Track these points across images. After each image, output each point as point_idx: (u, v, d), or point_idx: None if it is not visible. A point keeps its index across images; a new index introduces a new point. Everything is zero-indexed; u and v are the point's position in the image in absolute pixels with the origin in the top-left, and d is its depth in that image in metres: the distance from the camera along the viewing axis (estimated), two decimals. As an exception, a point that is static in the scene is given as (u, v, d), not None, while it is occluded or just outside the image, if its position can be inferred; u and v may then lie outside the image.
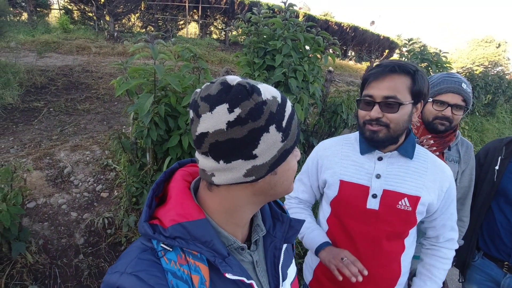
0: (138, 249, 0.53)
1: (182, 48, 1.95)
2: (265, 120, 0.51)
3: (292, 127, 0.55)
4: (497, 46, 25.60)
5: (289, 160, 0.57)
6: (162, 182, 0.62)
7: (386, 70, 0.99)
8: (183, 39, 6.83)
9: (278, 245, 0.67)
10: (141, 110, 1.68)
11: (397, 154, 1.08)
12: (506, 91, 6.78)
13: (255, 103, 0.50)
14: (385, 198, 1.06)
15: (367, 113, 1.03)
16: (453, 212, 1.15)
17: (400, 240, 1.12)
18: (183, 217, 0.54)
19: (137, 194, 2.16)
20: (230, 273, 0.53)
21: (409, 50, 4.05)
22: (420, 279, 1.17)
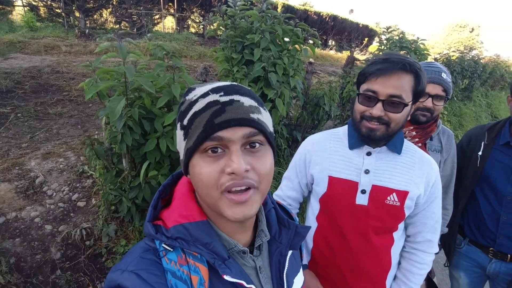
0: (141, 249, 0.54)
1: (154, 46, 1.83)
2: (176, 119, 0.56)
3: (194, 125, 0.51)
4: (470, 31, 26.35)
5: (194, 163, 0.53)
6: (170, 185, 0.63)
7: (397, 67, 0.93)
8: (159, 34, 6.59)
9: (283, 251, 0.66)
10: (112, 115, 1.57)
11: (386, 149, 1.07)
12: (481, 75, 6.98)
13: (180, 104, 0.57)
14: (374, 193, 1.05)
15: (367, 109, 0.99)
16: (436, 211, 1.13)
17: (389, 234, 1.12)
18: (185, 218, 0.55)
19: (116, 201, 2.05)
20: (228, 275, 0.53)
21: (388, 38, 4.06)
22: (396, 284, 1.18)
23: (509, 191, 1.50)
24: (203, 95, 0.53)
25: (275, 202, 0.72)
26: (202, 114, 0.51)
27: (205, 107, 0.51)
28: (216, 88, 0.53)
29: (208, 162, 0.51)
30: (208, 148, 0.51)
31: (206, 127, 0.50)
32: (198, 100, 0.53)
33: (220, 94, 0.52)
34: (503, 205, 1.52)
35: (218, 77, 2.69)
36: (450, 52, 6.29)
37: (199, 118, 0.51)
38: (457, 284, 1.80)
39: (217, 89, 0.53)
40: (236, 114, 0.51)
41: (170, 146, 1.86)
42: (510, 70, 9.50)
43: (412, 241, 1.17)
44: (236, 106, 0.52)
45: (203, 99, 0.52)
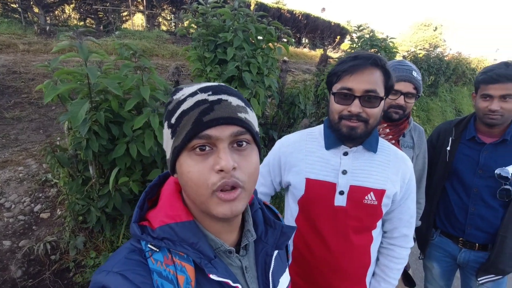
0: (126, 250, 0.54)
1: (120, 45, 1.72)
2: (164, 117, 0.56)
3: (182, 123, 0.52)
4: (434, 29, 27.77)
5: (182, 162, 0.53)
6: (156, 186, 0.63)
7: (368, 63, 0.95)
8: (128, 32, 6.30)
9: (269, 251, 0.67)
10: (74, 120, 1.45)
11: (362, 148, 1.07)
12: (446, 71, 7.36)
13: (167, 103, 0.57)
14: (352, 194, 1.05)
15: (344, 108, 0.98)
16: (411, 206, 1.15)
17: (368, 233, 1.13)
18: (171, 218, 0.55)
19: (84, 211, 1.92)
20: (214, 274, 0.53)
21: (359, 36, 4.15)
22: (375, 280, 1.20)
23: (476, 183, 1.56)
24: (191, 94, 0.54)
25: (262, 203, 0.73)
26: (191, 113, 0.52)
27: (193, 106, 0.52)
28: (204, 88, 0.54)
29: (196, 161, 0.52)
30: (196, 146, 0.52)
31: (195, 125, 0.51)
32: (186, 99, 0.53)
33: (209, 94, 0.53)
34: (471, 197, 1.58)
35: (191, 77, 2.60)
36: (417, 50, 6.58)
37: (187, 116, 0.52)
38: (431, 274, 1.87)
39: (205, 88, 0.54)
40: (224, 113, 0.52)
41: (141, 151, 1.76)
42: (471, 67, 10.12)
43: (389, 236, 1.19)
44: (225, 105, 0.53)
45: (191, 98, 0.53)
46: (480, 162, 1.55)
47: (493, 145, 1.53)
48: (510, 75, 1.40)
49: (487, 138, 1.56)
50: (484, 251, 1.59)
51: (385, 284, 1.17)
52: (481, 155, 1.55)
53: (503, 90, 1.42)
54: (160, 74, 4.50)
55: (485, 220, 1.56)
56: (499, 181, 1.49)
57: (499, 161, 1.50)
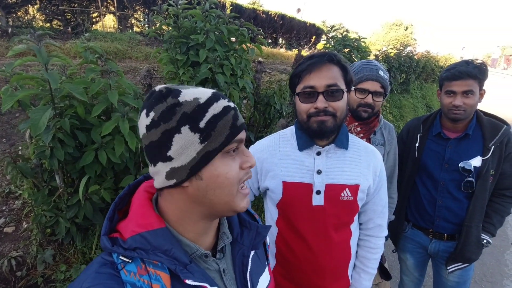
0: (97, 264, 0.53)
1: (84, 48, 1.65)
2: (177, 121, 0.52)
3: (218, 127, 0.53)
4: (405, 29, 28.86)
5: (218, 165, 0.54)
6: (126, 196, 0.62)
7: (324, 59, 0.99)
8: (99, 34, 6.07)
9: (246, 252, 0.67)
10: (35, 128, 1.37)
11: (334, 146, 1.09)
12: (416, 69, 7.66)
13: (167, 106, 0.52)
14: (328, 192, 1.07)
15: (311, 106, 1.01)
16: (383, 197, 1.20)
17: (347, 228, 1.16)
18: (142, 227, 0.54)
19: (51, 223, 1.83)
20: (191, 279, 0.53)
21: (333, 36, 4.23)
22: (356, 272, 1.23)
23: (443, 177, 1.63)
24: (214, 98, 0.55)
25: None
26: (225, 117, 0.54)
27: (224, 111, 0.54)
28: (218, 94, 0.57)
29: (232, 161, 0.56)
30: (231, 149, 0.55)
31: (232, 129, 0.54)
32: (211, 103, 0.54)
33: (227, 100, 0.57)
34: (439, 190, 1.65)
35: (164, 80, 2.54)
36: (388, 49, 6.80)
37: (222, 120, 0.54)
38: (405, 266, 1.93)
39: (220, 94, 0.57)
40: (242, 119, 0.58)
41: (111, 158, 1.70)
42: (439, 64, 10.60)
43: (365, 228, 1.23)
44: (239, 112, 0.59)
45: (217, 103, 0.54)
46: (445, 157, 1.62)
47: (457, 140, 1.60)
48: (470, 72, 1.47)
49: (451, 133, 1.63)
50: (452, 241, 1.67)
51: (364, 275, 1.21)
52: (447, 150, 1.62)
53: (465, 86, 1.49)
54: (134, 77, 4.37)
55: (451, 212, 1.63)
56: (463, 174, 1.56)
57: (463, 155, 1.58)
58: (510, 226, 3.92)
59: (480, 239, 1.59)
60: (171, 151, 0.53)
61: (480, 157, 1.54)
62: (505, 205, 1.61)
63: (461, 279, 1.71)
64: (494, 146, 1.52)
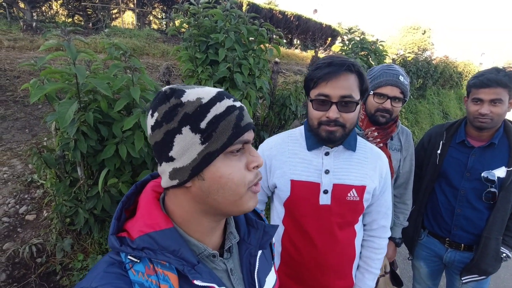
0: (105, 263, 0.53)
1: (109, 44, 1.69)
2: (178, 122, 0.52)
3: (220, 128, 0.52)
4: (423, 33, 28.30)
5: (220, 166, 0.54)
6: (133, 195, 0.62)
7: (342, 69, 0.98)
8: (118, 30, 6.19)
9: (253, 252, 0.67)
10: (62, 120, 1.42)
11: (342, 148, 1.11)
12: (433, 75, 7.51)
13: (169, 106, 0.52)
14: (335, 192, 1.08)
15: (323, 114, 1.01)
16: (387, 198, 1.21)
17: (351, 227, 1.17)
18: (150, 227, 0.54)
19: (71, 213, 1.88)
20: (199, 280, 0.53)
21: (350, 39, 4.19)
22: (360, 272, 1.25)
23: (463, 185, 1.60)
24: (217, 98, 0.54)
25: None
26: (227, 118, 0.53)
27: (226, 111, 0.53)
28: (223, 93, 0.56)
29: (235, 161, 0.55)
30: (235, 149, 0.54)
31: (235, 130, 0.53)
32: (214, 103, 0.53)
33: (233, 100, 0.56)
34: (458, 199, 1.62)
35: (182, 78, 2.58)
36: (406, 53, 6.69)
37: (224, 121, 0.53)
38: (418, 273, 1.90)
39: (225, 94, 0.56)
40: (249, 119, 0.57)
41: (131, 152, 1.74)
42: (457, 70, 10.35)
43: (369, 229, 1.24)
44: (246, 112, 0.57)
45: (220, 103, 0.54)
46: (468, 165, 1.58)
47: (481, 148, 1.57)
48: (500, 80, 1.43)
49: (476, 142, 1.59)
50: (469, 252, 1.63)
51: (368, 275, 1.22)
52: (470, 158, 1.58)
53: (493, 94, 1.45)
54: (151, 73, 4.44)
55: (470, 222, 1.59)
56: (486, 184, 1.52)
57: (486, 164, 1.54)
58: (527, 239, 3.80)
59: (499, 252, 1.54)
60: (173, 152, 0.53)
61: (505, 167, 1.50)
62: None
63: (476, 292, 1.67)
64: None
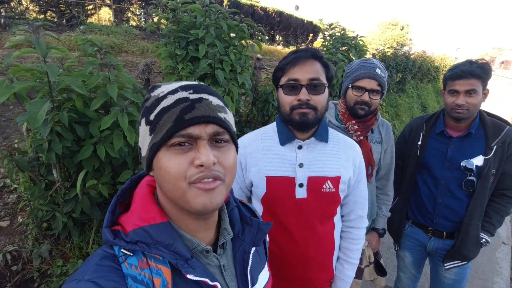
0: (98, 256, 0.52)
1: (83, 40, 1.62)
2: (141, 114, 0.56)
3: (162, 120, 0.52)
4: (401, 29, 28.97)
5: (160, 157, 0.53)
6: (128, 189, 0.62)
7: (308, 54, 1.02)
8: (95, 27, 5.97)
9: (247, 248, 0.67)
10: (33, 121, 1.35)
11: (314, 140, 1.12)
12: (412, 69, 7.71)
13: (143, 100, 0.57)
14: (310, 185, 1.10)
15: (294, 98, 1.03)
16: (363, 189, 1.24)
17: (330, 220, 1.19)
18: (145, 221, 0.54)
19: (48, 218, 1.80)
20: (192, 274, 0.53)
21: (331, 34, 4.22)
22: (339, 263, 1.28)
23: (444, 175, 1.64)
24: (172, 91, 0.54)
25: (238, 201, 0.74)
26: (172, 110, 0.52)
27: (174, 103, 0.52)
28: (185, 86, 0.55)
29: (175, 154, 0.52)
30: (176, 143, 0.52)
31: (176, 123, 0.51)
32: (166, 96, 0.53)
33: (190, 92, 0.54)
34: (439, 188, 1.66)
35: (163, 75, 2.51)
36: (386, 48, 6.83)
37: (168, 113, 0.52)
38: (403, 263, 1.95)
39: (187, 87, 0.55)
40: (205, 112, 0.53)
41: (110, 152, 1.68)
42: (434, 64, 10.68)
43: (346, 219, 1.26)
44: (205, 104, 0.54)
45: (172, 96, 0.53)
46: (448, 155, 1.63)
47: (460, 138, 1.61)
48: (473, 72, 1.48)
49: (454, 132, 1.64)
50: (451, 239, 1.68)
51: (348, 265, 1.25)
52: (449, 149, 1.63)
53: (467, 85, 1.50)
54: (130, 71, 4.31)
55: (451, 210, 1.64)
56: (465, 173, 1.57)
57: (465, 153, 1.59)
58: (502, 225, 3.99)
59: (479, 238, 1.60)
60: (139, 142, 0.58)
61: (482, 156, 1.55)
62: (505, 205, 1.62)
63: (458, 277, 1.73)
64: (496, 145, 1.53)
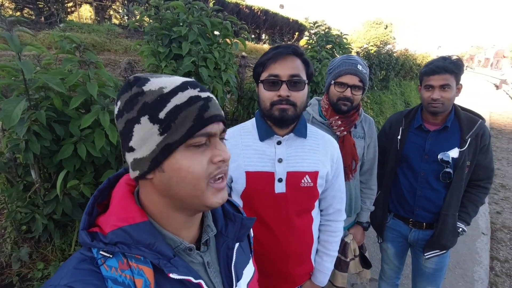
0: (75, 260, 0.51)
1: (60, 37, 1.58)
2: (137, 111, 0.51)
3: (179, 119, 0.51)
4: (385, 27, 29.56)
5: (178, 158, 0.52)
6: (106, 189, 0.60)
7: (288, 51, 1.03)
8: (75, 25, 5.81)
9: (230, 244, 0.67)
10: (8, 120, 1.30)
11: (293, 136, 1.13)
12: (395, 66, 7.88)
13: (130, 95, 0.51)
14: (289, 179, 1.11)
15: (274, 94, 1.04)
16: (341, 183, 1.27)
17: (308, 214, 1.21)
18: (124, 221, 0.53)
19: (27, 220, 1.75)
20: (174, 273, 0.52)
21: (315, 32, 4.26)
22: (318, 256, 1.30)
23: (423, 168, 1.69)
24: (180, 88, 0.52)
25: None
26: (189, 109, 0.51)
27: (188, 101, 0.52)
28: (188, 83, 0.54)
29: (197, 154, 0.52)
30: (197, 142, 0.52)
31: (198, 122, 0.51)
32: (176, 92, 0.51)
33: (198, 90, 0.54)
34: (418, 181, 1.71)
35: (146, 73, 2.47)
36: (369, 46, 6.94)
37: (185, 112, 0.51)
38: (386, 255, 2.00)
39: (191, 84, 0.54)
40: (217, 110, 0.55)
41: (91, 151, 1.64)
42: (417, 62, 10.95)
43: (325, 213, 1.29)
44: (213, 103, 0.56)
45: (182, 93, 0.52)
46: (426, 148, 1.68)
47: (437, 132, 1.67)
48: (446, 67, 1.54)
49: (431, 126, 1.70)
50: (431, 230, 1.74)
51: (327, 257, 1.28)
52: (427, 142, 1.68)
53: (441, 80, 1.55)
54: (113, 70, 4.23)
55: (430, 201, 1.70)
56: (442, 165, 1.63)
57: (442, 146, 1.64)
58: (481, 216, 4.14)
59: (456, 227, 1.67)
60: (132, 142, 0.52)
61: (458, 148, 1.61)
62: (480, 195, 1.69)
63: (438, 266, 1.79)
64: (470, 138, 1.59)
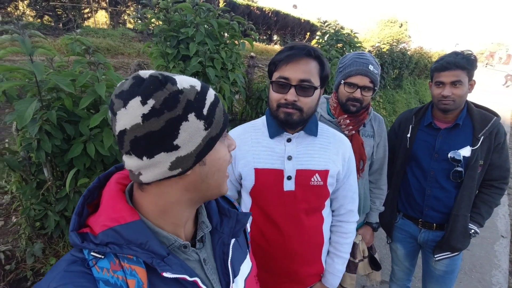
0: (66, 262, 0.50)
1: (71, 40, 1.64)
2: (182, 109, 0.50)
3: (216, 114, 0.54)
4: (400, 26, 28.93)
5: (218, 149, 0.56)
6: (96, 188, 0.59)
7: (302, 53, 0.99)
8: (91, 30, 6.02)
9: (226, 240, 0.67)
10: (21, 119, 1.36)
11: (303, 134, 1.12)
12: (409, 65, 7.70)
13: (169, 93, 0.49)
14: (299, 177, 1.10)
15: (282, 96, 1.02)
16: (353, 183, 1.23)
17: (318, 213, 1.19)
18: (115, 221, 0.52)
19: (41, 217, 1.82)
20: (168, 272, 0.52)
21: (325, 32, 4.23)
22: (329, 257, 1.27)
23: (432, 166, 1.64)
24: (205, 86, 0.55)
25: None
26: (219, 105, 0.56)
27: (216, 99, 0.56)
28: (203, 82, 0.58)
29: (223, 144, 0.59)
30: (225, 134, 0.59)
31: (225, 116, 0.57)
32: (206, 91, 0.55)
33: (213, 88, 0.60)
34: (428, 180, 1.66)
35: (154, 74, 2.52)
36: (381, 44, 6.82)
37: (218, 108, 0.55)
38: (396, 255, 1.95)
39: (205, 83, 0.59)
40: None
41: (100, 150, 1.69)
42: (432, 60, 10.66)
43: (337, 214, 1.26)
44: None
45: (209, 91, 0.55)
46: (436, 147, 1.63)
47: (447, 130, 1.62)
48: (458, 63, 1.48)
49: (442, 123, 1.64)
50: (442, 231, 1.68)
51: (337, 259, 1.24)
52: (437, 140, 1.63)
53: (453, 76, 1.50)
54: (126, 72, 4.35)
55: (439, 201, 1.65)
56: (452, 164, 1.57)
57: (453, 145, 1.59)
58: (500, 218, 3.98)
59: (468, 228, 1.60)
60: (179, 140, 0.50)
61: (470, 147, 1.55)
62: (494, 196, 1.61)
63: (449, 268, 1.73)
64: (483, 136, 1.53)
